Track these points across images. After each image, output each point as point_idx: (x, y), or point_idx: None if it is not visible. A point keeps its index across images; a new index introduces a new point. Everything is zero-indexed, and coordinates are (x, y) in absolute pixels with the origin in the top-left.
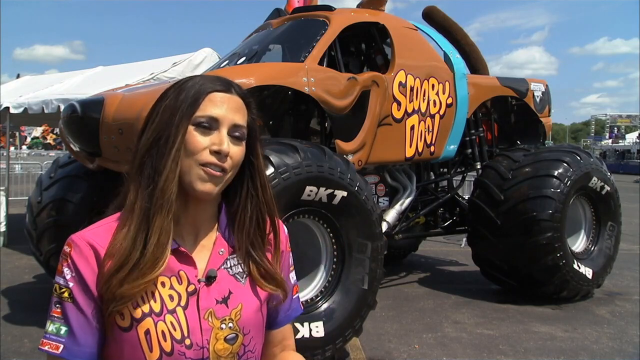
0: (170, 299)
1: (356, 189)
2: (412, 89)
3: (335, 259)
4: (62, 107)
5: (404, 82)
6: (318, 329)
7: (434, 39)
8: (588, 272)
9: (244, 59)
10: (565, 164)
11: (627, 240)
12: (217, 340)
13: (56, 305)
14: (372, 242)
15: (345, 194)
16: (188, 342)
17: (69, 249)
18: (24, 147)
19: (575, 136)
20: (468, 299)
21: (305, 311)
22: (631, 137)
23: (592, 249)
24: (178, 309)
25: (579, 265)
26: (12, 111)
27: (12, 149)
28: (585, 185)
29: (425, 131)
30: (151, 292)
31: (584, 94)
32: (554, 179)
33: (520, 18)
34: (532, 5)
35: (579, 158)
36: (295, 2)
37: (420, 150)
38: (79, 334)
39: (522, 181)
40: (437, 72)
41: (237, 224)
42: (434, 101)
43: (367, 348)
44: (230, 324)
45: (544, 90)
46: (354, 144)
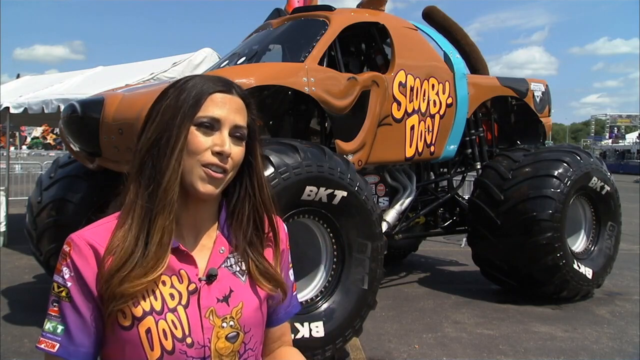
0: (171, 297)
1: (356, 189)
2: (412, 89)
3: (335, 259)
4: (62, 107)
5: (404, 82)
6: (318, 329)
7: (434, 39)
8: (588, 272)
9: (244, 59)
10: (565, 164)
11: (627, 240)
12: (218, 338)
13: (54, 304)
14: (372, 242)
15: (345, 194)
16: (189, 340)
17: (69, 248)
18: (24, 147)
19: (575, 136)
20: (468, 299)
21: (305, 311)
22: (631, 137)
23: (592, 249)
24: (179, 308)
25: (579, 265)
26: (12, 111)
27: (12, 149)
28: (585, 185)
29: (425, 131)
30: (152, 291)
31: (584, 94)
32: (554, 179)
33: (520, 18)
34: (532, 5)
35: (579, 158)
36: (295, 2)
37: (420, 150)
38: (75, 333)
39: (522, 181)
40: (437, 72)
41: (235, 223)
42: (434, 101)
43: (367, 348)
44: (231, 323)
45: (544, 90)
46: (354, 144)
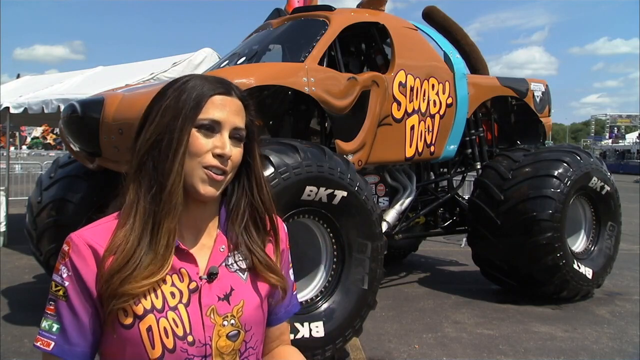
0: (172, 296)
1: (356, 189)
2: (412, 89)
3: (335, 259)
4: (62, 107)
5: (404, 82)
6: (318, 329)
7: (434, 39)
8: (588, 272)
9: (244, 59)
10: (565, 164)
11: (627, 240)
12: (219, 337)
13: (50, 302)
14: (372, 242)
15: (345, 194)
16: (190, 338)
17: (68, 248)
18: (24, 147)
19: (575, 136)
20: (468, 299)
21: (305, 311)
22: (631, 137)
23: (592, 249)
24: (180, 306)
25: (579, 265)
26: (12, 111)
27: (12, 149)
28: (585, 185)
29: (425, 131)
30: (153, 289)
31: (584, 94)
32: (554, 179)
33: (520, 18)
34: (532, 5)
35: (579, 158)
36: (295, 2)
37: (420, 150)
38: (70, 333)
39: (522, 181)
40: (437, 72)
41: (235, 222)
42: (434, 101)
43: (367, 348)
44: (232, 321)
45: (544, 90)
46: (354, 144)
